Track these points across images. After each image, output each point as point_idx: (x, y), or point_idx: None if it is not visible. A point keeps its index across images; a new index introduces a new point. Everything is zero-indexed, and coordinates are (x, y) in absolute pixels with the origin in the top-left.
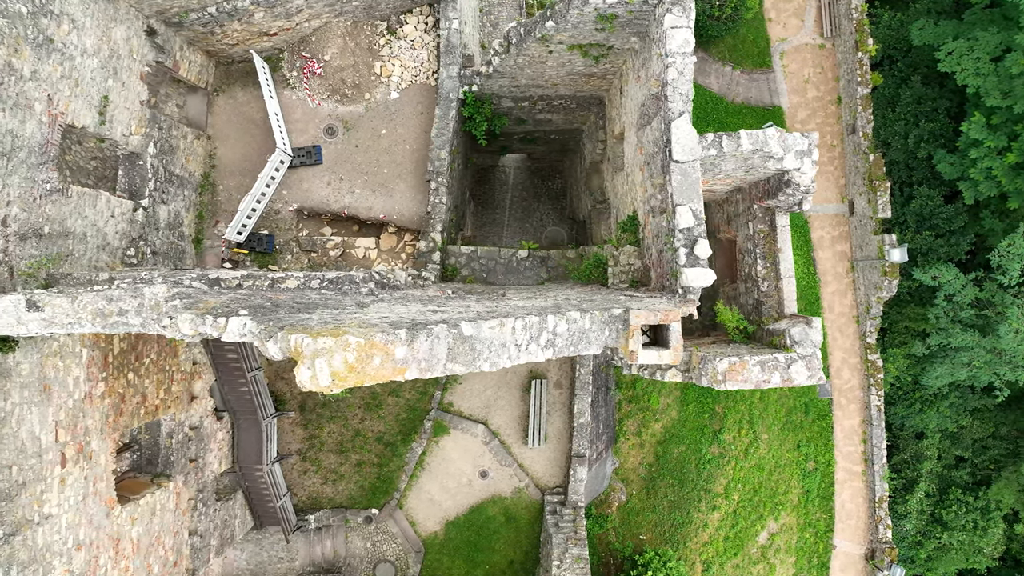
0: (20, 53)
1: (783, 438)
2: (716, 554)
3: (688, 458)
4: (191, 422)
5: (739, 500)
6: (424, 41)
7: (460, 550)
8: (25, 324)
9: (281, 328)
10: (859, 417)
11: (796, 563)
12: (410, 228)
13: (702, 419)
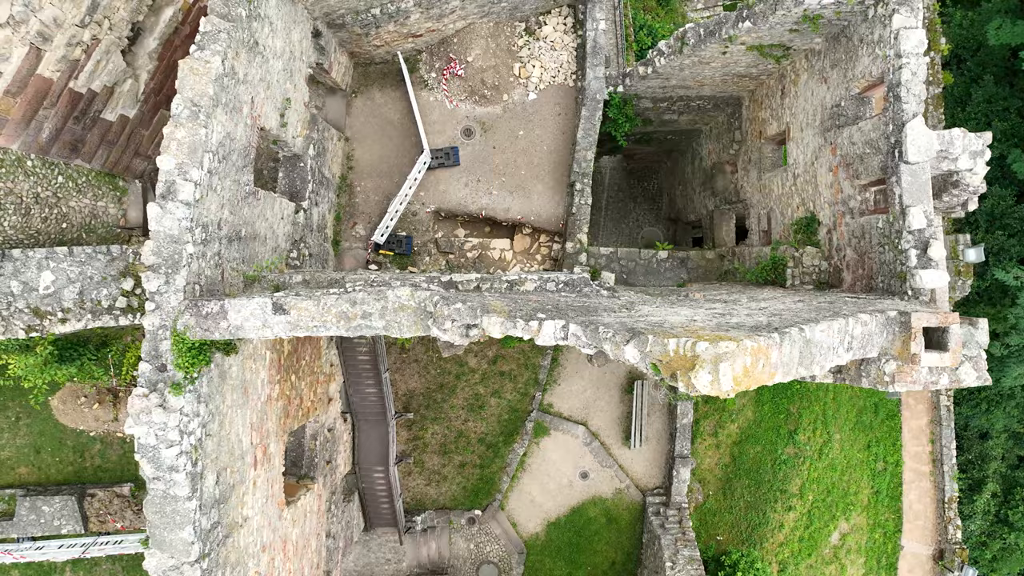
0: (238, 56)
1: (854, 438)
2: (791, 554)
3: (764, 458)
4: (328, 424)
5: (813, 500)
6: (564, 42)
7: (561, 551)
8: (271, 327)
9: (639, 333)
10: (927, 417)
11: (866, 563)
12: (546, 229)
13: (777, 419)
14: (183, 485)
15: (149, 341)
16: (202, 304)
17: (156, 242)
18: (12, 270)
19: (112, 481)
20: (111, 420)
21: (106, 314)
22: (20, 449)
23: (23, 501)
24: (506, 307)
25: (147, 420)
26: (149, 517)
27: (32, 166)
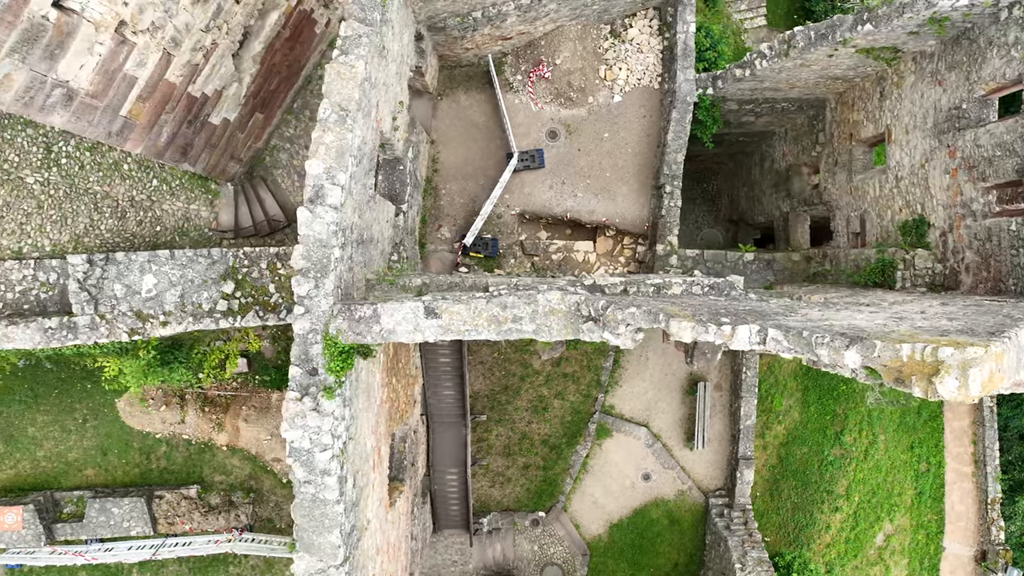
0: (372, 59)
1: (898, 439)
2: (838, 555)
3: (811, 460)
4: (412, 426)
5: (859, 502)
6: (650, 44)
7: (624, 553)
8: (422, 331)
9: (861, 338)
10: (969, 418)
11: (909, 565)
12: (630, 231)
13: (824, 420)
14: (333, 488)
15: (299, 345)
16: (355, 308)
17: (306, 246)
18: (116, 273)
19: (178, 483)
20: (178, 422)
21: (207, 317)
22: (87, 451)
23: (92, 503)
24: (687, 311)
25: (302, 424)
26: (298, 521)
27: (128, 170)
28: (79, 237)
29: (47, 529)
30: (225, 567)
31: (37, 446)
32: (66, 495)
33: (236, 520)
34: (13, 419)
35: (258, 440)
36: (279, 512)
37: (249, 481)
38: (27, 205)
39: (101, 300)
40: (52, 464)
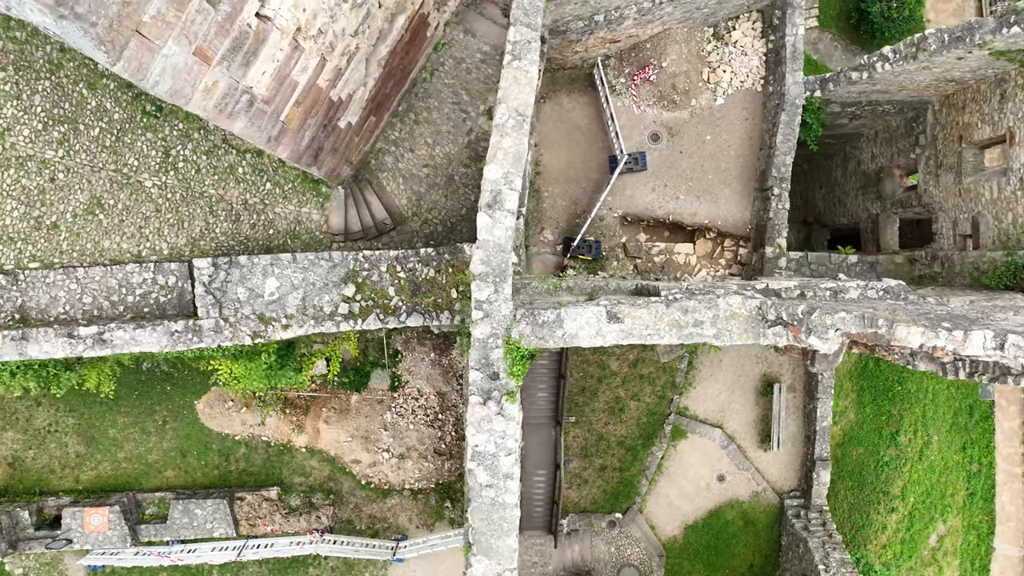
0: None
1: (950, 440)
2: (894, 556)
3: (867, 460)
4: None
5: (914, 503)
6: (754, 47)
7: (700, 554)
8: (604, 335)
9: None
10: (1020, 419)
11: (960, 565)
12: (731, 234)
13: (879, 421)
14: (514, 493)
15: (478, 350)
16: (539, 313)
17: (485, 251)
18: (239, 276)
19: (257, 485)
20: (258, 424)
21: (328, 320)
22: (167, 453)
23: (176, 504)
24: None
25: (488, 428)
26: (475, 524)
27: (242, 173)
28: (195, 240)
29: (132, 530)
30: (305, 569)
31: (117, 447)
32: (148, 496)
33: (317, 522)
34: (94, 421)
35: (338, 442)
36: (359, 514)
37: (328, 483)
38: (145, 209)
39: (225, 303)
40: (132, 465)
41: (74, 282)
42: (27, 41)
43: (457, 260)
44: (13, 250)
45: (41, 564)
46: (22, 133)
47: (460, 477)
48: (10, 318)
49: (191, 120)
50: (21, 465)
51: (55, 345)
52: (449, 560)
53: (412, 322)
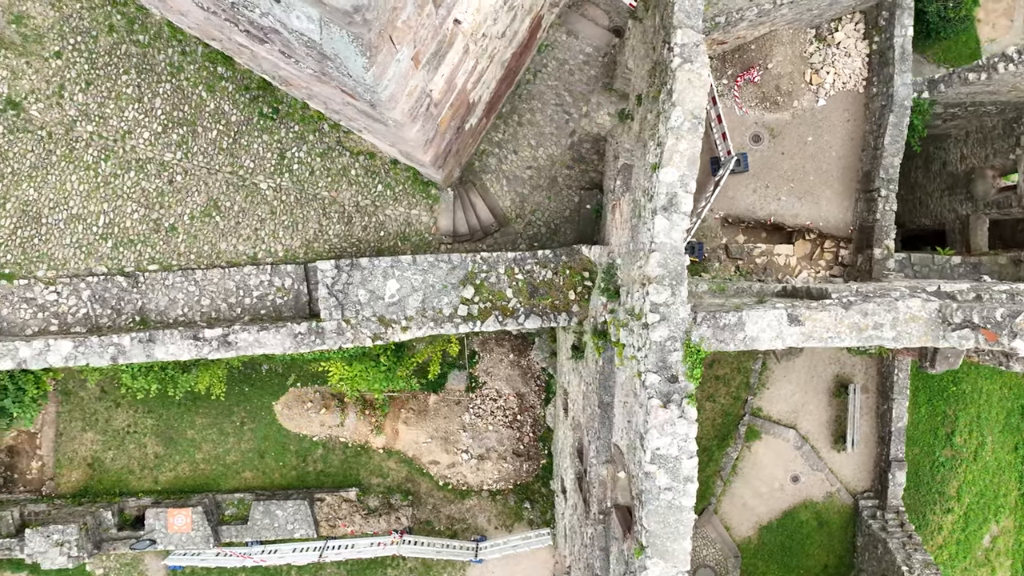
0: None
1: (1003, 440)
2: (949, 557)
3: (922, 461)
4: None
5: (969, 503)
6: (857, 48)
7: (774, 555)
8: (784, 338)
9: None
10: None
11: (1012, 566)
12: (832, 235)
13: (934, 421)
14: (691, 496)
15: (656, 353)
16: (720, 316)
17: (663, 254)
18: (360, 279)
19: (335, 486)
20: (336, 425)
21: (447, 322)
22: (245, 454)
23: (257, 505)
24: None
25: (671, 431)
26: (651, 527)
27: (355, 175)
28: (309, 243)
29: (214, 531)
30: (383, 570)
31: (196, 449)
32: (227, 497)
33: (396, 522)
34: (172, 422)
35: (417, 443)
36: (437, 515)
37: (406, 483)
38: (261, 211)
39: (347, 305)
40: (211, 467)
41: (192, 284)
42: (150, 45)
43: (574, 262)
44: (133, 252)
45: (122, 564)
46: (142, 136)
47: (538, 478)
48: (130, 320)
49: (306, 122)
50: (100, 466)
51: (181, 347)
52: (527, 561)
53: (530, 324)
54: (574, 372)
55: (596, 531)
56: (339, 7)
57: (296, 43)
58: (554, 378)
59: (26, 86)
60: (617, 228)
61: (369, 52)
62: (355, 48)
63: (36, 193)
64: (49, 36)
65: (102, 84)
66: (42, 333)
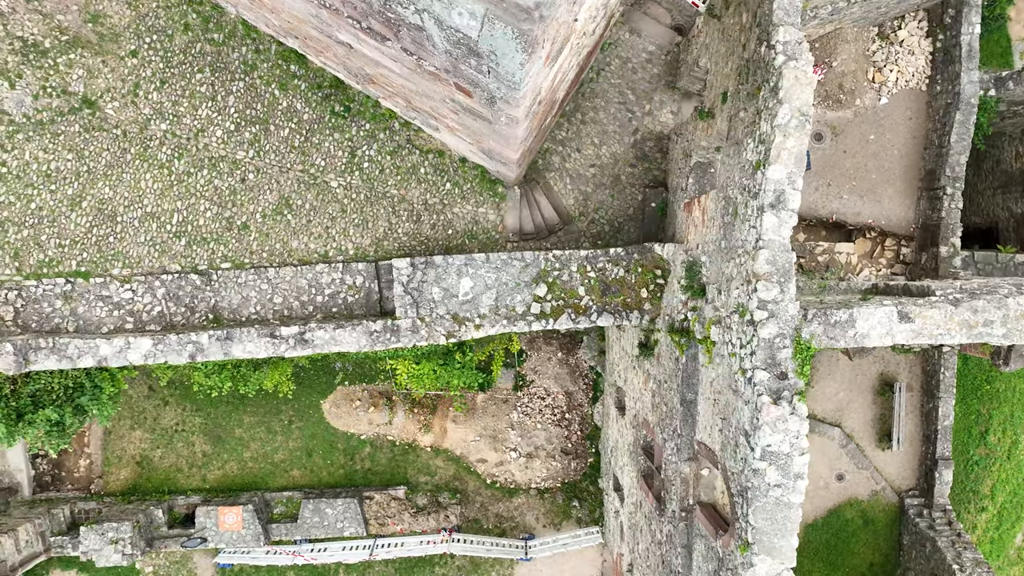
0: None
1: None
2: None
3: (957, 460)
4: None
5: (1002, 502)
6: (920, 47)
7: (819, 553)
8: (894, 335)
9: None
10: None
11: None
12: (894, 233)
13: (968, 420)
14: (800, 492)
15: (764, 350)
16: (831, 313)
17: (771, 251)
18: (434, 276)
19: (382, 484)
20: (385, 423)
21: (520, 320)
22: (293, 452)
23: (306, 504)
24: None
25: (783, 428)
26: (757, 524)
27: (424, 173)
28: (379, 241)
29: (264, 529)
30: (431, 568)
31: (244, 447)
32: (275, 496)
33: (445, 520)
34: (220, 421)
35: (465, 441)
36: (485, 513)
37: (454, 482)
38: (331, 209)
39: (421, 303)
40: (259, 465)
41: (265, 282)
42: (224, 43)
43: (646, 260)
44: (206, 250)
45: (171, 563)
46: (215, 134)
47: (586, 476)
48: (203, 318)
49: (377, 120)
50: (149, 464)
51: (258, 345)
52: (575, 559)
53: (603, 322)
54: (635, 370)
55: (677, 528)
56: (520, 3)
57: (438, 39)
58: (602, 376)
59: (102, 85)
60: (697, 226)
61: (530, 49)
62: (517, 45)
63: (111, 191)
64: (125, 35)
65: (176, 83)
66: (117, 331)
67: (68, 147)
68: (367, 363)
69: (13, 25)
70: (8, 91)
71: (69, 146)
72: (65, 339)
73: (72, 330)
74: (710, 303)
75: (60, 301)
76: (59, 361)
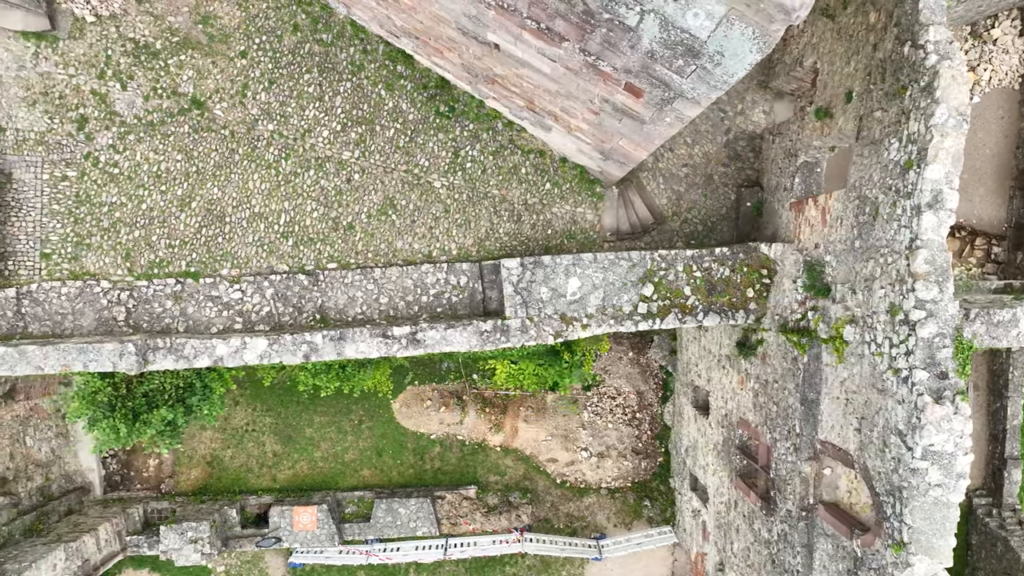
0: None
1: None
2: None
3: None
4: None
5: None
6: (1015, 45)
7: None
8: None
9: None
10: None
11: None
12: (985, 232)
13: None
14: (960, 492)
15: (923, 349)
16: (994, 313)
17: (930, 251)
18: (543, 276)
19: (451, 484)
20: (456, 423)
21: (627, 320)
22: (363, 452)
23: (379, 503)
24: None
25: (948, 428)
26: (915, 524)
27: (525, 173)
28: (481, 241)
29: (337, 529)
30: (501, 567)
31: (314, 447)
32: (347, 495)
33: (517, 520)
34: (291, 420)
35: (536, 441)
36: (555, 512)
37: (523, 481)
38: (435, 209)
39: (530, 303)
40: (329, 465)
41: (371, 282)
42: (332, 43)
43: (751, 259)
44: (313, 251)
45: (243, 562)
46: (321, 134)
47: (655, 476)
48: (311, 318)
49: (481, 120)
50: (219, 464)
51: (370, 345)
52: (645, 559)
53: (709, 322)
54: (727, 369)
55: (796, 527)
56: (784, 4)
57: (647, 40)
58: (672, 376)
59: (211, 86)
60: (814, 225)
61: (767, 49)
62: (754, 45)
63: (220, 192)
64: (235, 36)
65: (284, 83)
66: (226, 331)
67: (178, 148)
68: (467, 363)
69: (125, 27)
70: (120, 92)
71: (179, 147)
72: (182, 339)
73: (182, 330)
74: (839, 302)
75: (170, 301)
76: (176, 361)
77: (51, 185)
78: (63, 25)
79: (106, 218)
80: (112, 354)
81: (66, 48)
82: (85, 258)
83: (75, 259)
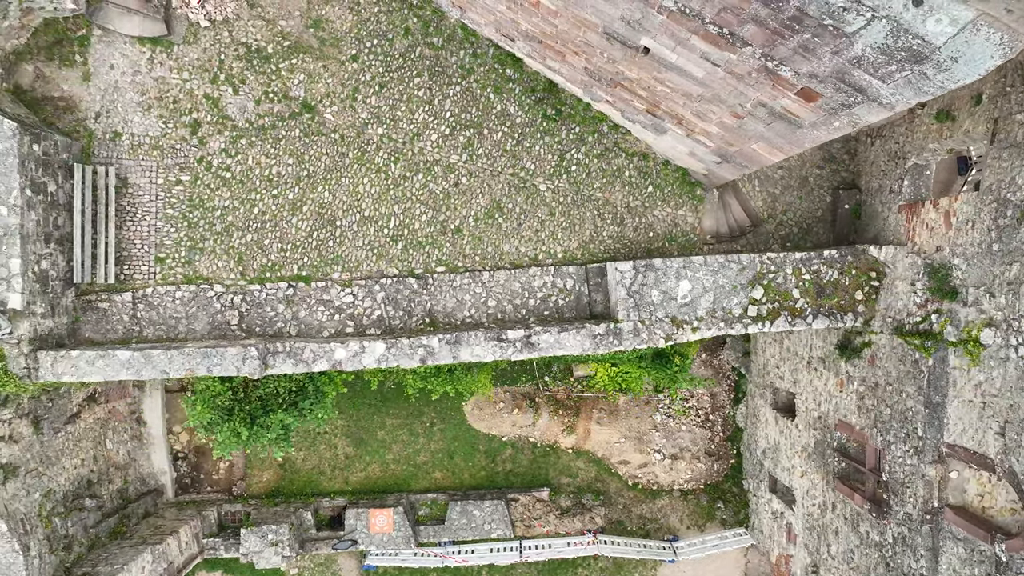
0: None
1: None
2: None
3: None
4: None
5: None
6: None
7: None
8: None
9: None
10: None
11: None
12: None
13: None
14: None
15: None
16: None
17: None
18: (653, 280)
19: (523, 486)
20: (529, 425)
21: (737, 323)
22: (435, 454)
23: (454, 506)
24: None
25: None
26: None
27: (628, 176)
28: (585, 244)
29: (412, 531)
30: (573, 569)
31: (386, 449)
32: (420, 498)
33: (591, 522)
34: (363, 423)
35: (608, 443)
36: (628, 514)
37: (595, 484)
38: (540, 212)
39: (641, 306)
40: (401, 467)
41: (479, 286)
42: (443, 47)
43: (860, 262)
44: (421, 254)
45: (315, 564)
46: (430, 138)
47: (728, 478)
48: (420, 322)
49: (587, 123)
50: (291, 467)
51: (485, 348)
52: (718, 560)
53: (818, 324)
54: (820, 371)
55: (919, 531)
56: None
57: (859, 46)
58: (745, 378)
59: (321, 89)
60: (933, 228)
61: (1011, 54)
62: (997, 51)
63: (330, 196)
64: (346, 40)
65: (395, 87)
66: (338, 335)
67: (289, 152)
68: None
69: (238, 31)
70: (232, 96)
71: (290, 151)
72: (300, 343)
73: (294, 334)
74: (971, 306)
75: (282, 305)
76: (295, 365)
77: (165, 190)
78: (178, 30)
79: (219, 222)
80: (235, 358)
81: (180, 53)
82: (199, 262)
83: (189, 263)
